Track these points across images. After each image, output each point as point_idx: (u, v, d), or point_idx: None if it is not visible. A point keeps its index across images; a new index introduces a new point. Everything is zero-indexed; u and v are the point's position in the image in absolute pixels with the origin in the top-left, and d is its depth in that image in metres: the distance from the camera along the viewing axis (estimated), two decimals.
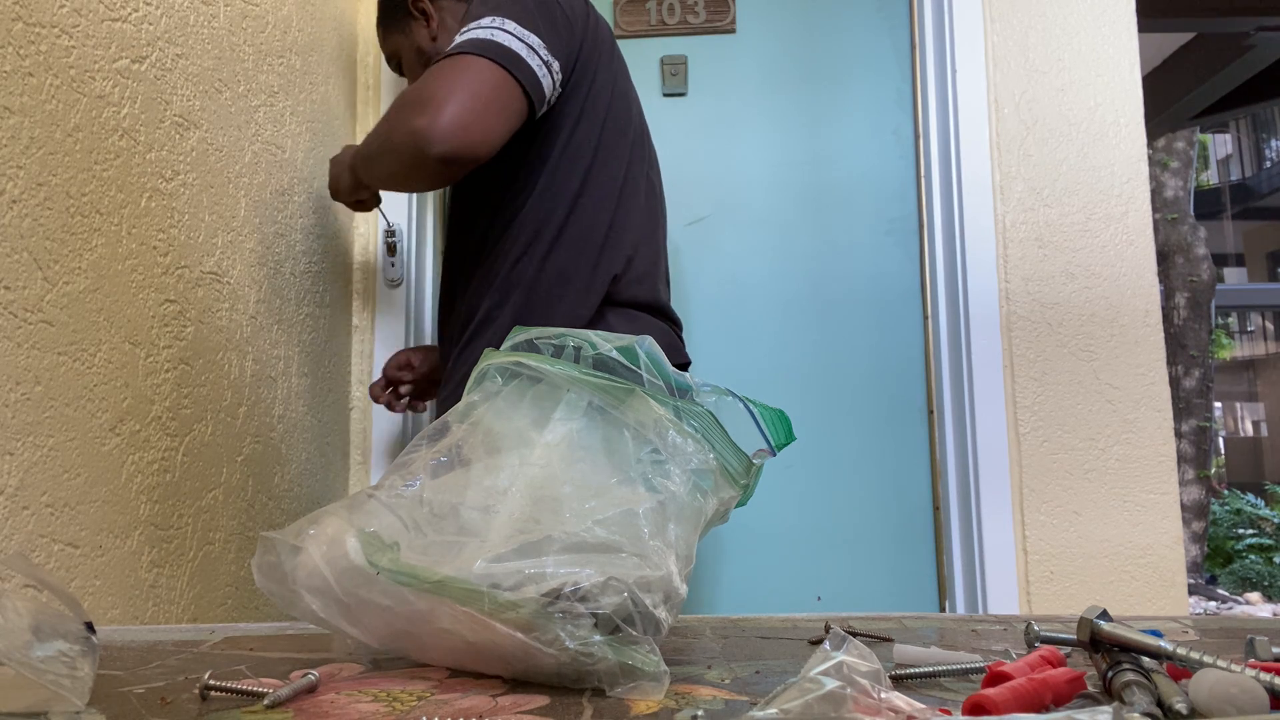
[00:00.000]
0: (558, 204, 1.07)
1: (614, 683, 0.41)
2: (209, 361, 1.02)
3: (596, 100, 1.09)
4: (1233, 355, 11.56)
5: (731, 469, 0.52)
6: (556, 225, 1.06)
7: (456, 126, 0.91)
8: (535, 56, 0.98)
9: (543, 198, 1.07)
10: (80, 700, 0.37)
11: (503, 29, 0.97)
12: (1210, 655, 0.38)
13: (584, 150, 1.08)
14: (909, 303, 1.69)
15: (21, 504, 0.71)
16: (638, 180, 1.15)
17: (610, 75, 1.12)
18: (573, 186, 1.07)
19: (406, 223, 1.61)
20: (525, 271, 1.07)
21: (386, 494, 0.50)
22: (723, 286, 1.72)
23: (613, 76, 1.13)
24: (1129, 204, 1.54)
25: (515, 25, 0.98)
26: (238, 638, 0.57)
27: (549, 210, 1.07)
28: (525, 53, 0.97)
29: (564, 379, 0.53)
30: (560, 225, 1.07)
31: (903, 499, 1.64)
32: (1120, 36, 1.58)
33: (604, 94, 1.11)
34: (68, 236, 0.77)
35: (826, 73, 1.76)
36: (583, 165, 1.08)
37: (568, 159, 1.07)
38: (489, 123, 0.94)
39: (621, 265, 1.09)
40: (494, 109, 0.94)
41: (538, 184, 1.07)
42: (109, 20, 0.85)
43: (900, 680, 0.43)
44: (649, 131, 1.25)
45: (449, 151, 0.92)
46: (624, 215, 1.11)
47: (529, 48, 0.97)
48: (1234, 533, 6.20)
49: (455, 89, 0.93)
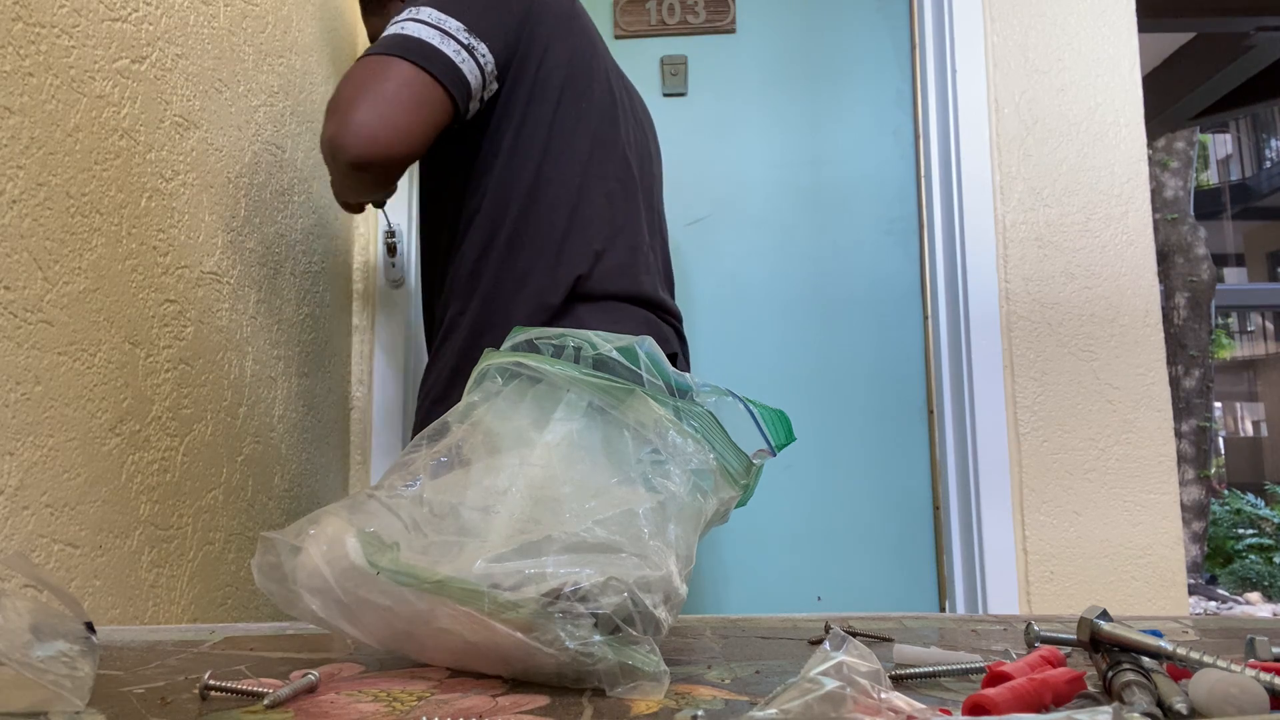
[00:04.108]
0: (512, 201, 1.01)
1: (614, 683, 0.41)
2: (209, 361, 1.02)
3: (549, 79, 1.02)
4: (1233, 355, 11.56)
5: (731, 469, 0.52)
6: (512, 223, 1.01)
7: (364, 130, 0.88)
8: (451, 42, 0.92)
9: (497, 195, 1.01)
10: (80, 700, 0.37)
11: (415, 19, 0.93)
12: (1210, 655, 0.38)
13: (537, 139, 1.02)
14: (909, 303, 1.69)
15: (21, 504, 0.71)
16: (605, 164, 1.06)
17: (568, 48, 1.04)
18: (526, 180, 1.01)
19: (406, 223, 1.62)
20: (484, 274, 1.01)
21: (386, 494, 0.50)
22: (723, 286, 1.72)
23: (571, 49, 1.05)
24: (1129, 204, 1.54)
25: (431, 11, 0.94)
26: (238, 638, 0.57)
27: (502, 209, 1.01)
28: (438, 39, 0.92)
29: (564, 379, 0.53)
30: (516, 223, 1.01)
31: (903, 499, 1.64)
32: (1120, 36, 1.58)
33: (559, 71, 1.03)
34: (68, 236, 0.77)
35: (826, 73, 1.76)
36: (536, 155, 1.01)
37: (520, 151, 1.01)
38: (400, 122, 0.90)
39: (588, 263, 1.01)
40: (404, 107, 0.90)
41: (490, 182, 1.01)
42: (109, 20, 0.85)
43: (900, 680, 0.43)
44: (634, 104, 1.18)
45: (359, 156, 0.89)
46: (588, 206, 1.03)
47: (443, 34, 0.92)
48: (1234, 533, 6.20)
49: (360, 92, 0.90)
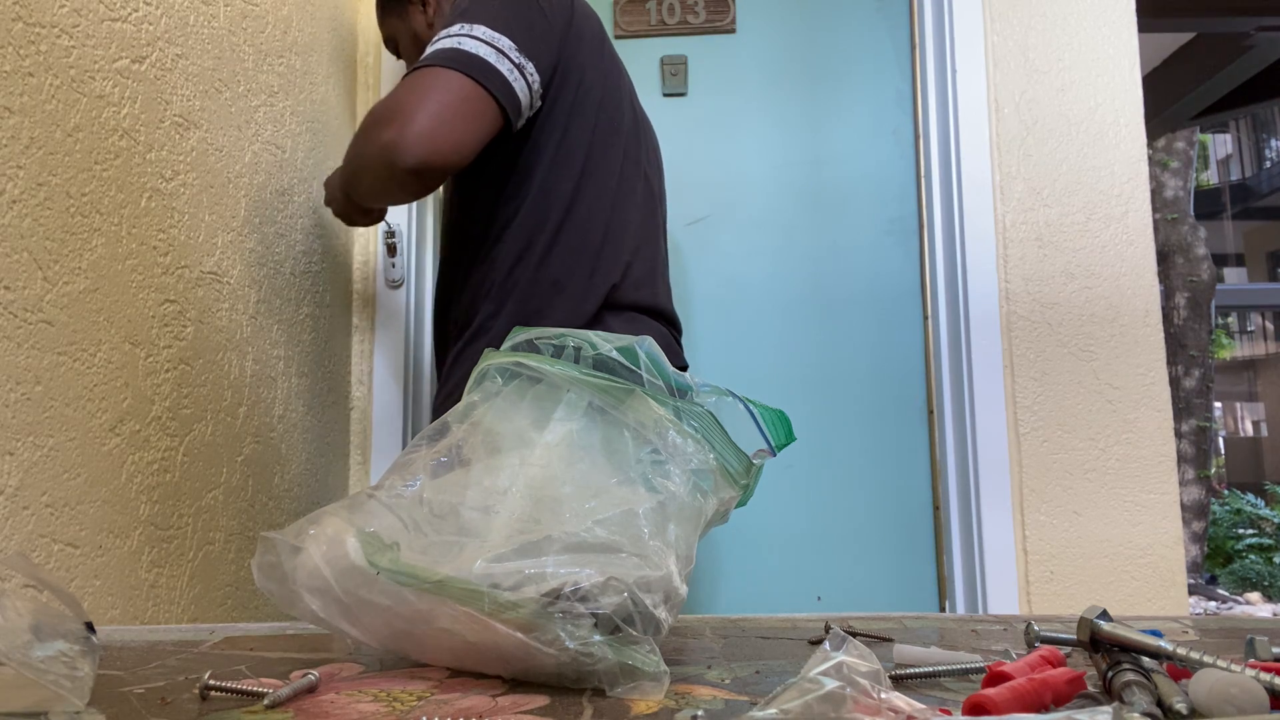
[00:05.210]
0: (551, 210, 1.06)
1: (614, 683, 0.41)
2: (209, 361, 1.02)
3: (586, 99, 1.08)
4: (1233, 355, 11.56)
5: (731, 469, 0.52)
6: (551, 232, 1.05)
7: (425, 137, 0.91)
8: (505, 61, 0.96)
9: (536, 204, 1.06)
10: (80, 700, 0.37)
11: (470, 35, 0.96)
12: (1210, 655, 0.38)
13: (576, 153, 1.07)
14: (909, 303, 1.69)
15: (21, 504, 0.71)
16: (634, 181, 1.13)
17: (600, 72, 1.10)
18: (566, 191, 1.06)
19: (406, 223, 1.62)
20: (520, 279, 1.06)
21: (386, 494, 0.50)
22: (723, 287, 1.72)
23: (603, 73, 1.11)
24: (1129, 204, 1.54)
25: (484, 29, 0.96)
26: (238, 638, 0.57)
27: (543, 216, 1.06)
28: (494, 58, 0.95)
29: (564, 379, 0.53)
30: (554, 231, 1.06)
31: (903, 499, 1.64)
32: (1120, 36, 1.58)
33: (594, 92, 1.08)
34: (68, 236, 0.77)
35: (826, 73, 1.76)
36: (575, 169, 1.06)
37: (560, 163, 1.06)
38: (458, 133, 0.93)
39: (619, 272, 1.07)
40: (462, 119, 0.94)
41: (532, 190, 1.06)
42: (109, 20, 0.85)
43: (900, 680, 0.43)
44: (649, 127, 1.23)
45: (418, 163, 0.92)
46: (620, 219, 1.09)
47: (498, 52, 0.96)
48: (1234, 533, 6.20)
49: (422, 101, 0.93)
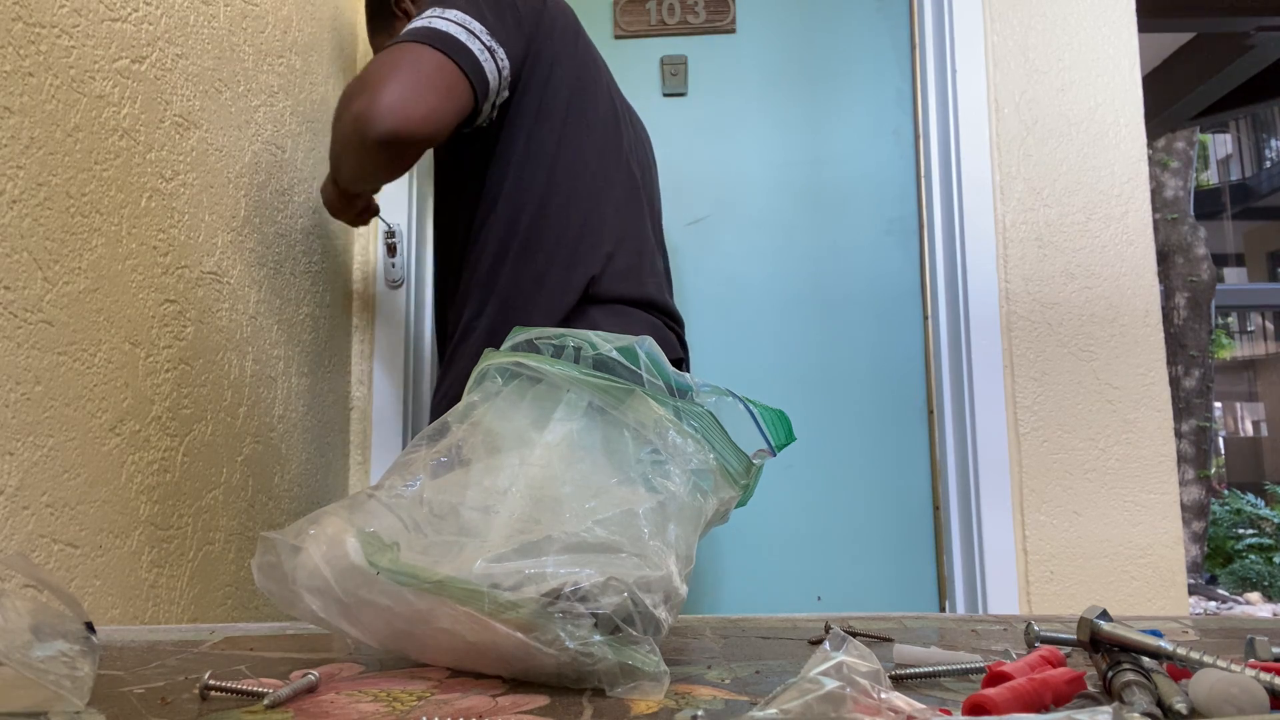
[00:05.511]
0: (525, 206, 1.05)
1: (614, 683, 0.41)
2: (209, 361, 1.02)
3: (557, 92, 1.08)
4: (1233, 355, 11.56)
5: (731, 469, 0.52)
6: (526, 228, 1.05)
7: (395, 107, 0.91)
8: (476, 41, 0.97)
9: (510, 201, 1.06)
10: (80, 700, 0.37)
11: (443, 16, 0.98)
12: (1210, 655, 0.38)
13: (546, 148, 1.06)
14: (909, 303, 1.69)
15: (21, 504, 0.71)
16: (614, 173, 1.12)
17: (574, 64, 1.10)
18: (539, 187, 1.06)
19: (406, 223, 1.62)
20: (500, 277, 1.05)
21: (386, 494, 0.50)
22: (723, 286, 1.72)
23: (577, 65, 1.11)
24: (1129, 204, 1.54)
25: (457, 13, 0.98)
26: (238, 638, 0.57)
27: (517, 213, 1.06)
28: (465, 37, 0.96)
29: (564, 379, 0.53)
30: (530, 227, 1.05)
31: (903, 499, 1.64)
32: (1120, 36, 1.58)
33: (566, 84, 1.08)
34: (68, 236, 0.77)
35: (826, 73, 1.76)
36: (546, 164, 1.06)
37: (532, 159, 1.06)
38: (427, 104, 0.93)
39: (599, 265, 1.06)
40: (432, 90, 0.94)
41: (505, 188, 1.06)
42: (109, 20, 0.85)
43: (900, 680, 0.43)
44: (635, 120, 1.22)
45: (388, 132, 0.91)
46: (599, 211, 1.08)
47: (469, 32, 0.97)
48: (1234, 533, 6.20)
49: (393, 73, 0.93)
